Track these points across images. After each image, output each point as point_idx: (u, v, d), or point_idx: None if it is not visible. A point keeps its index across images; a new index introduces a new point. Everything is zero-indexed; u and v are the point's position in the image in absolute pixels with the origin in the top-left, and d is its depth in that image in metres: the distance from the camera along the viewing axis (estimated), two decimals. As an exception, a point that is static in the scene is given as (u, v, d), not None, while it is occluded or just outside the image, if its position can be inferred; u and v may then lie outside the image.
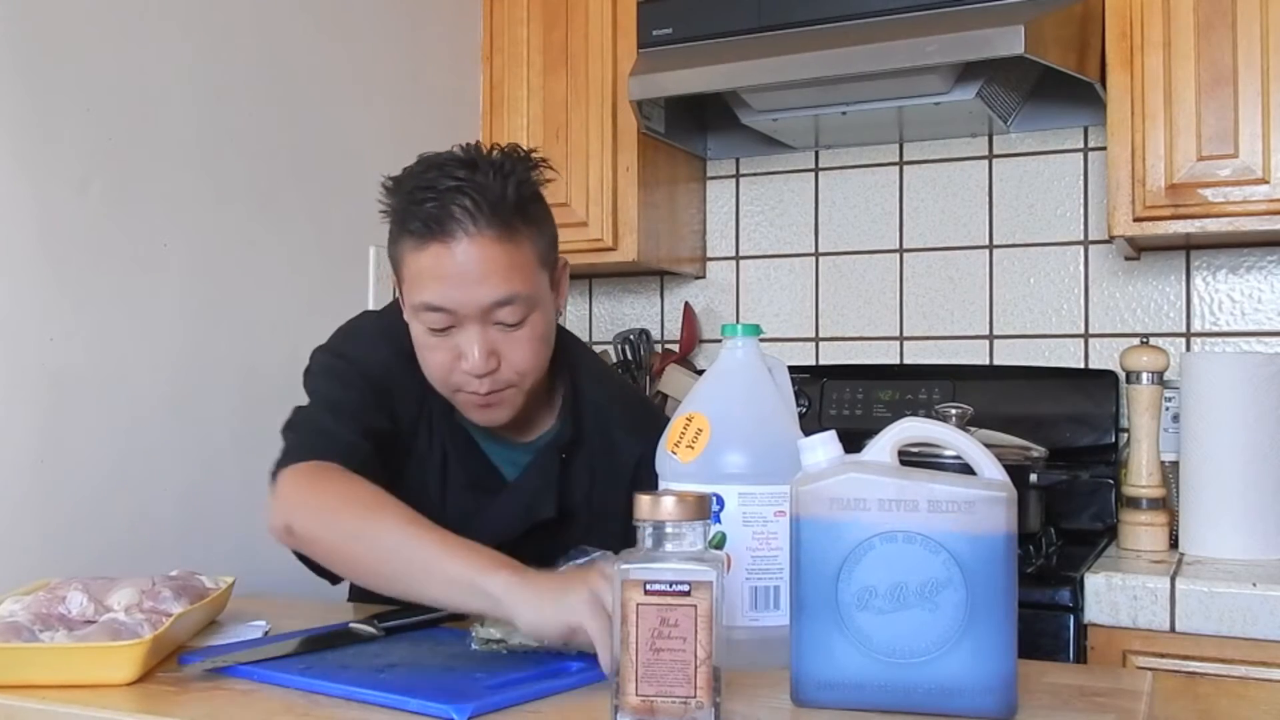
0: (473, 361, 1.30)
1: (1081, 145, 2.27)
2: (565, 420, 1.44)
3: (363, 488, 1.24)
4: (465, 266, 1.27)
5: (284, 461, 1.30)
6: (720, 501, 1.07)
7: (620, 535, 1.43)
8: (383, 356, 1.39)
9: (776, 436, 1.09)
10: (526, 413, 1.40)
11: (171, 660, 1.11)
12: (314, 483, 1.26)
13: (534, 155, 1.34)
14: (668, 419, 1.19)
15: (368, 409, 1.36)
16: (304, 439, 1.32)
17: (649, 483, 1.41)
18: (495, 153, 1.32)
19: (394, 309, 1.44)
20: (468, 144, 1.34)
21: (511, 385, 1.34)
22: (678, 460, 1.10)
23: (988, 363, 2.32)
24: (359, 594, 1.54)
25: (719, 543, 1.07)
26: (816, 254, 2.49)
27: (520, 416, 1.40)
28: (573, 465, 1.44)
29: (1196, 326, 2.16)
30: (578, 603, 1.02)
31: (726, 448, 1.09)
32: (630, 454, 1.43)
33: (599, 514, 1.43)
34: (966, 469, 0.96)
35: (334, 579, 1.33)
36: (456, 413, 1.41)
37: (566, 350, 1.47)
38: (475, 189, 1.27)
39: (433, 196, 1.27)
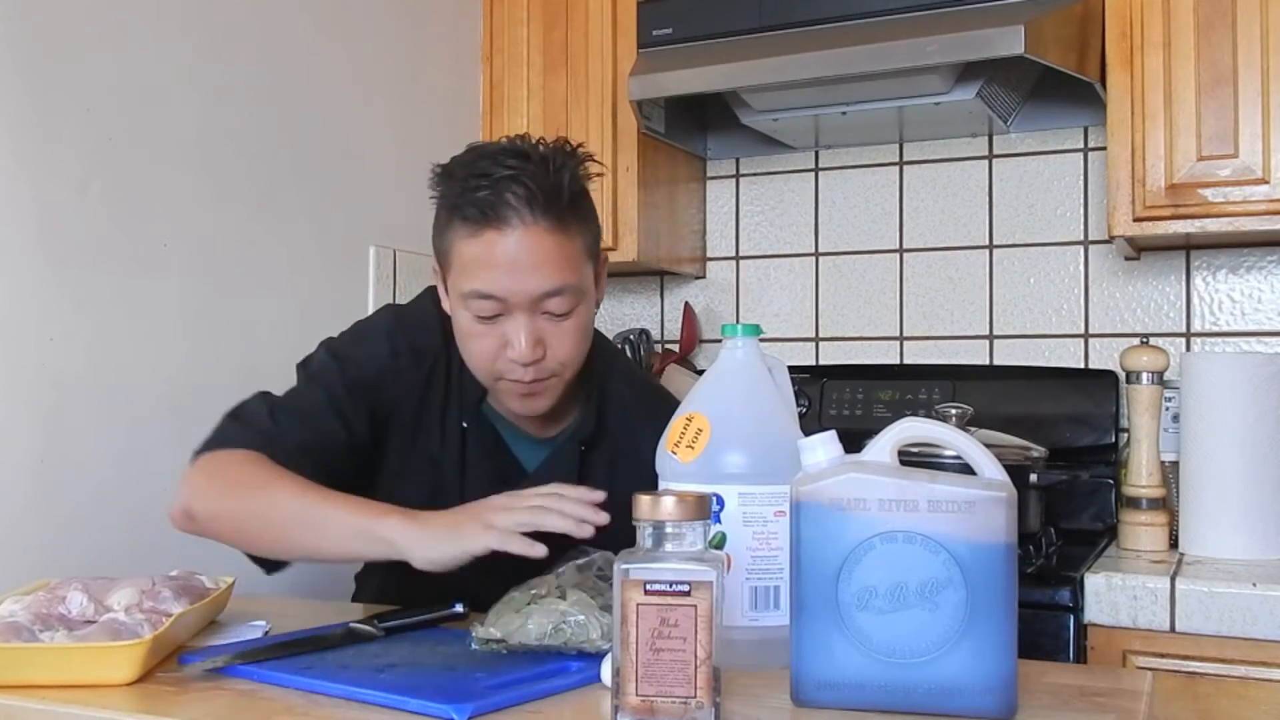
0: (520, 350, 1.31)
1: (1081, 145, 2.27)
2: (588, 414, 1.45)
3: (262, 466, 1.29)
4: (518, 255, 1.29)
5: (206, 446, 1.35)
6: (720, 501, 1.07)
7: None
8: (380, 356, 1.40)
9: (776, 436, 1.09)
10: (555, 407, 1.41)
11: (171, 660, 1.11)
12: (217, 468, 1.32)
13: (580, 150, 1.35)
14: None
15: (327, 415, 1.36)
16: (227, 430, 1.36)
17: None
18: (544, 146, 1.33)
19: (418, 304, 1.47)
20: (516, 136, 1.35)
21: (554, 375, 1.35)
22: (678, 460, 1.10)
23: (988, 363, 2.32)
24: (359, 594, 1.54)
25: (719, 543, 1.07)
26: (816, 254, 2.49)
27: (549, 412, 1.41)
28: (593, 458, 1.44)
29: (1196, 326, 2.16)
30: (474, 532, 1.11)
31: (726, 448, 1.09)
32: (651, 450, 1.44)
33: (620, 506, 1.43)
34: (966, 469, 0.96)
35: (268, 567, 1.37)
36: (484, 405, 1.43)
37: (597, 347, 1.48)
38: (530, 178, 1.28)
39: (487, 184, 1.28)
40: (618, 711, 0.87)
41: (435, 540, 1.16)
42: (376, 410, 1.39)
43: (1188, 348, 2.16)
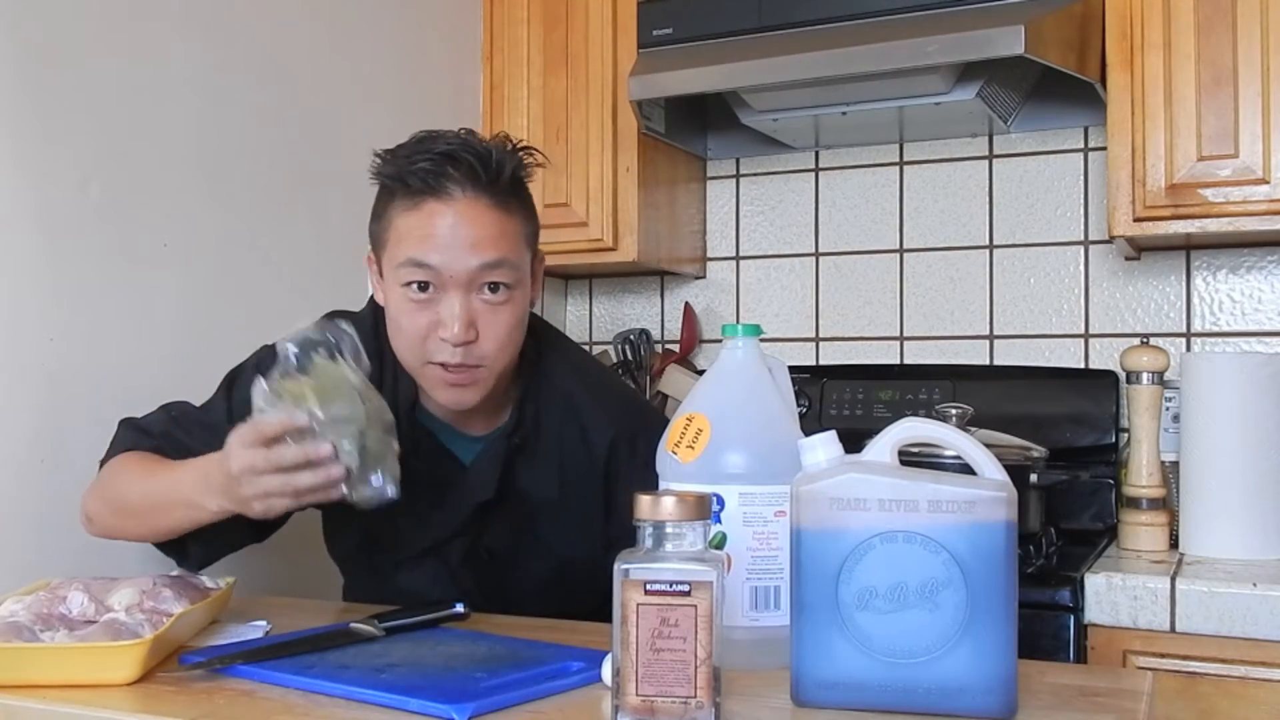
0: (453, 330, 1.29)
1: (1081, 145, 2.27)
2: (518, 410, 1.43)
3: (140, 461, 1.35)
4: (457, 227, 1.29)
5: (105, 456, 1.41)
6: (720, 501, 1.07)
7: (599, 524, 1.44)
8: None
9: (777, 437, 1.09)
10: (489, 405, 1.40)
11: (171, 660, 1.11)
12: (108, 470, 1.37)
13: (522, 145, 1.36)
14: (654, 410, 1.20)
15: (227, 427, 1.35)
16: (125, 436, 1.42)
17: (623, 470, 1.42)
18: (485, 139, 1.35)
19: (359, 312, 1.48)
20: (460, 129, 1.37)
21: (482, 364, 1.33)
22: (678, 460, 1.10)
23: (988, 363, 2.32)
24: (359, 594, 1.54)
25: (719, 543, 1.07)
26: (816, 254, 2.49)
27: (482, 408, 1.40)
28: (533, 454, 1.43)
29: (1197, 326, 2.16)
30: (243, 503, 1.18)
31: (727, 448, 1.09)
32: (600, 442, 1.44)
33: (573, 503, 1.44)
34: (967, 469, 0.96)
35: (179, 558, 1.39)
36: (419, 410, 1.42)
37: (544, 341, 1.48)
38: (473, 155, 1.29)
39: (429, 157, 1.29)
40: (618, 711, 0.87)
41: (241, 506, 1.20)
42: None
43: (1188, 348, 2.16)
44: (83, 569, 1.38)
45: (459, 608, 1.29)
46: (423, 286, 1.30)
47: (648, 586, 0.86)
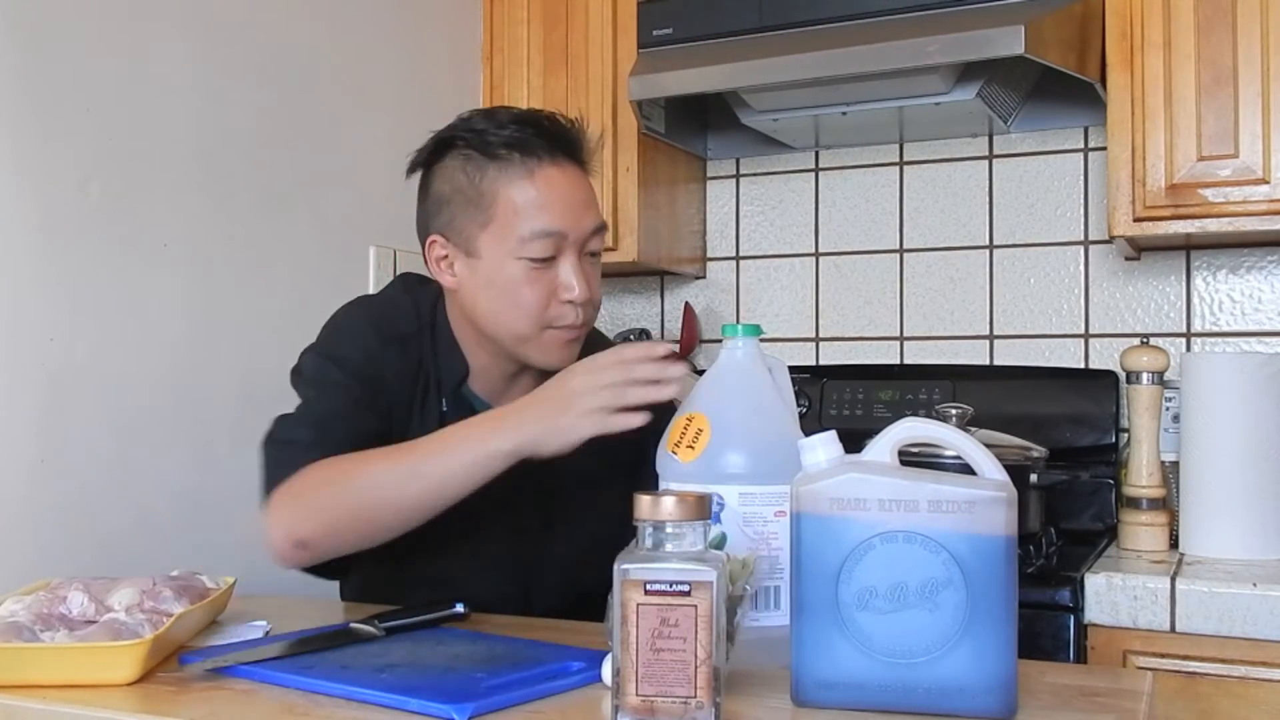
0: (580, 288, 1.35)
1: (1081, 145, 2.27)
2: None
3: (333, 466, 1.27)
4: (571, 191, 1.36)
5: (269, 483, 1.31)
6: (720, 502, 1.07)
7: (624, 486, 1.44)
8: (370, 347, 1.40)
9: (776, 436, 1.09)
10: (537, 377, 1.42)
11: (172, 660, 1.11)
12: (297, 492, 1.28)
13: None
14: None
15: (355, 411, 1.36)
16: (278, 460, 1.32)
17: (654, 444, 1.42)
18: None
19: (388, 294, 1.49)
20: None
21: (588, 322, 1.39)
22: (678, 460, 1.10)
23: (988, 363, 2.32)
24: (359, 594, 1.54)
25: (719, 543, 1.07)
26: (816, 254, 2.49)
27: (527, 390, 1.40)
28: None
29: (1197, 326, 2.16)
30: (572, 423, 1.17)
31: (726, 448, 1.09)
32: None
33: (606, 478, 1.43)
34: (967, 469, 0.96)
35: (341, 574, 1.35)
36: (463, 387, 1.44)
37: None
38: (563, 122, 1.37)
39: (524, 127, 1.35)
40: (618, 711, 0.87)
41: (546, 435, 1.20)
42: (380, 397, 1.39)
43: (1188, 348, 2.16)
44: (83, 569, 1.38)
45: (459, 608, 1.29)
46: (548, 253, 1.34)
47: (648, 586, 0.86)
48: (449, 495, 1.24)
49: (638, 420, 1.19)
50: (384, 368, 1.40)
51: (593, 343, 1.49)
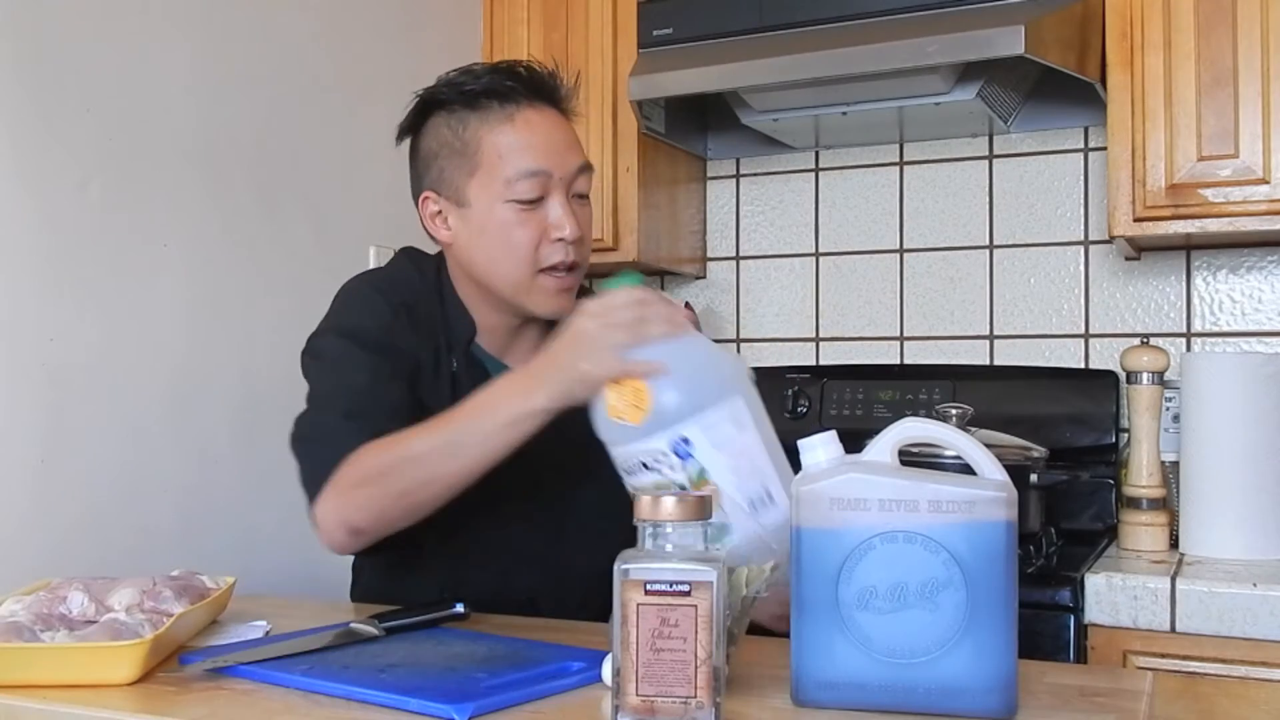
0: (571, 226, 1.36)
1: (1082, 145, 2.27)
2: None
3: (373, 450, 1.25)
4: (553, 132, 1.39)
5: (314, 481, 1.29)
6: (687, 441, 1.07)
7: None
8: (383, 316, 1.39)
9: (699, 357, 1.13)
10: (541, 333, 1.43)
11: (172, 660, 1.11)
12: (344, 482, 1.26)
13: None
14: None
15: (384, 383, 1.35)
16: (317, 455, 1.30)
17: None
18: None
19: (390, 266, 1.49)
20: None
21: (580, 264, 1.40)
22: (631, 425, 1.10)
23: (988, 363, 2.32)
24: (359, 594, 1.54)
25: (701, 477, 1.07)
26: (816, 254, 2.49)
27: (535, 339, 1.44)
28: None
29: (1197, 326, 2.16)
30: (594, 368, 1.13)
31: (668, 390, 1.10)
32: None
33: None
34: (967, 469, 0.96)
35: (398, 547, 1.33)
36: (473, 346, 1.44)
37: None
38: (538, 70, 1.41)
39: (502, 75, 1.38)
40: (618, 711, 0.87)
41: (574, 384, 1.16)
42: (402, 362, 1.39)
43: (1188, 348, 2.16)
44: (83, 569, 1.38)
45: (459, 608, 1.29)
46: (535, 193, 1.36)
47: (648, 586, 0.86)
48: (489, 460, 1.22)
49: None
50: (397, 335, 1.39)
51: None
